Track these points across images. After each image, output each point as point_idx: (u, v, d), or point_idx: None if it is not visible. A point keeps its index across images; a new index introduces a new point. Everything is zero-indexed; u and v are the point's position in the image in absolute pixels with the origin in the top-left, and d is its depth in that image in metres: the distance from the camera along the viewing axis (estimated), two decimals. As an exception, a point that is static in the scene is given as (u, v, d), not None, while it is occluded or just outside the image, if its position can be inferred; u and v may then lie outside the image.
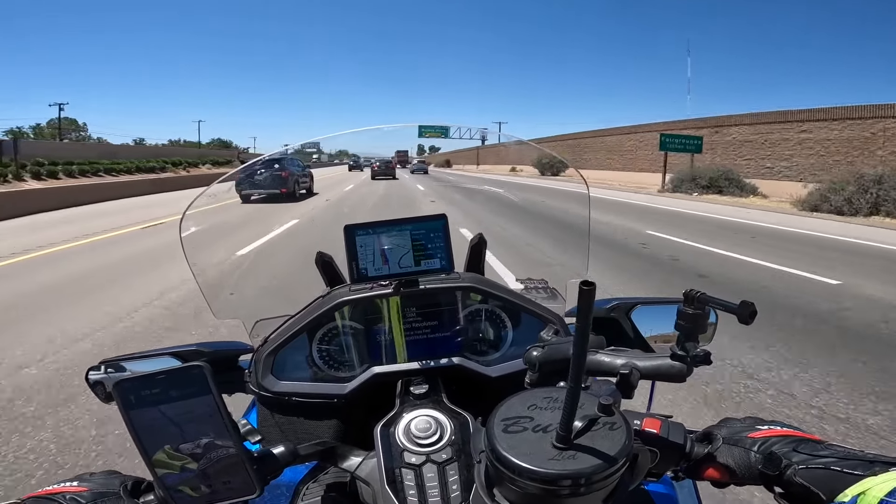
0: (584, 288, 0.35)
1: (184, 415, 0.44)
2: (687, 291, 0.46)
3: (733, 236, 8.75)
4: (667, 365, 0.49)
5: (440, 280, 0.77)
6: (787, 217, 12.46)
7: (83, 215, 12.00)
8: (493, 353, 0.77)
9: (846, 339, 3.66)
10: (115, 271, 5.94)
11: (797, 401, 2.72)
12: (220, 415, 0.44)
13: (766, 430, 0.48)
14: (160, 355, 0.79)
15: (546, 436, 0.40)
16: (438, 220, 0.74)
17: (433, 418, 0.57)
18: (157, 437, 0.44)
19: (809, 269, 5.88)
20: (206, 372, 0.44)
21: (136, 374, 0.44)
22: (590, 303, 0.35)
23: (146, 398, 0.43)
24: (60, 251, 7.27)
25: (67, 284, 5.30)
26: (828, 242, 8.44)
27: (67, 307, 4.45)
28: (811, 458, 0.41)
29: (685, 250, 7.33)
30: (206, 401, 0.44)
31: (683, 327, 0.47)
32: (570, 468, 0.37)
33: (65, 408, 2.64)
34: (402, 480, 0.51)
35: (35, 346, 3.47)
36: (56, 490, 0.47)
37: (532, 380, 0.56)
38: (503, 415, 0.43)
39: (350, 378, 0.73)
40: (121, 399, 0.43)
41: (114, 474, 0.51)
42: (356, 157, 12.02)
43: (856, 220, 12.19)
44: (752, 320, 0.43)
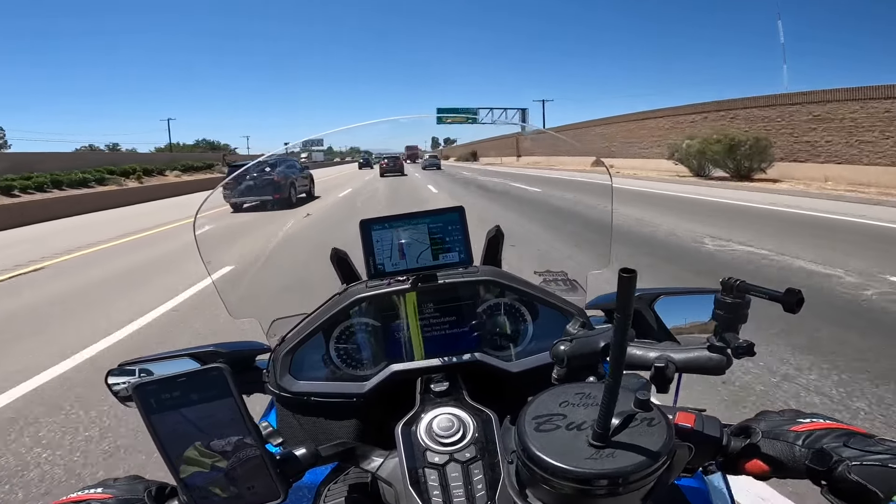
0: (623, 275, 0.33)
1: (205, 418, 0.43)
2: (725, 280, 0.45)
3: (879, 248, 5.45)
4: (705, 357, 0.47)
5: (458, 274, 0.76)
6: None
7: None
8: (513, 347, 0.76)
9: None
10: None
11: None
12: (242, 417, 0.44)
13: (808, 424, 0.45)
14: (178, 357, 0.79)
15: (581, 434, 0.39)
16: (455, 212, 0.73)
17: (455, 416, 0.56)
18: (180, 441, 0.43)
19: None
20: (225, 374, 0.43)
21: (156, 378, 0.43)
22: (630, 291, 0.34)
23: (166, 402, 0.43)
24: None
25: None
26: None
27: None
28: (864, 454, 0.39)
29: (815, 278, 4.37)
30: (227, 403, 0.43)
31: (722, 317, 0.45)
32: (610, 467, 0.36)
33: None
34: (426, 481, 0.50)
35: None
36: (81, 497, 0.47)
37: (560, 375, 0.54)
38: (534, 412, 0.42)
39: (369, 376, 0.72)
40: (141, 403, 0.42)
41: (138, 479, 0.51)
42: (366, 155, 11.58)
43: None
44: (799, 309, 0.41)
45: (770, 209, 9.01)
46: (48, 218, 14.27)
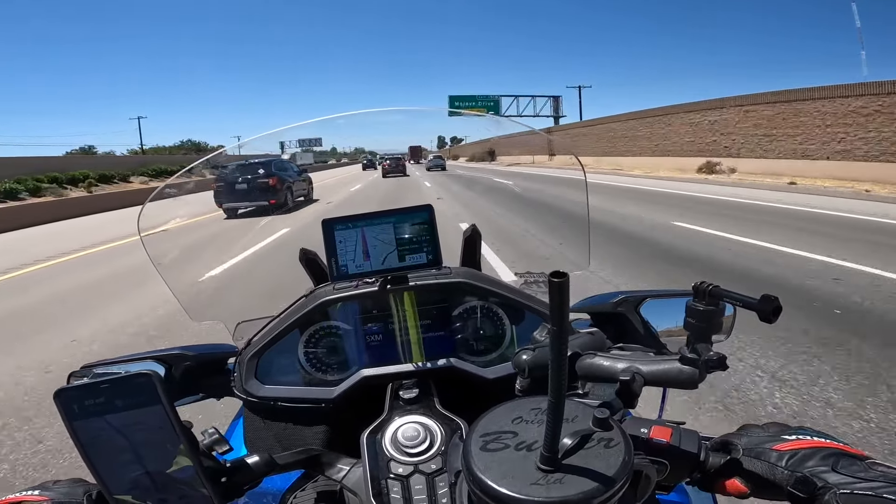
0: (554, 280, 0.30)
1: (132, 425, 0.41)
2: (697, 284, 0.42)
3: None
4: (675, 370, 0.44)
5: (431, 276, 0.74)
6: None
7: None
8: (491, 353, 0.73)
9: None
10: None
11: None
12: (172, 425, 0.42)
13: (793, 442, 0.42)
14: (142, 359, 0.76)
15: (531, 455, 0.36)
16: (423, 211, 0.70)
17: (422, 425, 0.54)
18: (105, 449, 0.41)
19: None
20: (154, 380, 0.41)
21: (78, 384, 0.42)
22: (563, 298, 0.30)
23: (90, 408, 0.41)
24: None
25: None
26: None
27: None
28: (855, 482, 0.36)
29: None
30: (155, 411, 0.41)
31: (694, 326, 0.42)
32: (556, 495, 0.33)
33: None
34: (389, 492, 0.49)
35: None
36: (16, 499, 0.46)
37: (523, 387, 0.52)
38: (483, 429, 0.39)
39: (338, 381, 0.70)
40: (63, 408, 0.41)
41: (79, 482, 0.50)
42: (370, 156, 11.24)
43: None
44: (776, 318, 0.39)
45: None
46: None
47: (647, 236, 6.63)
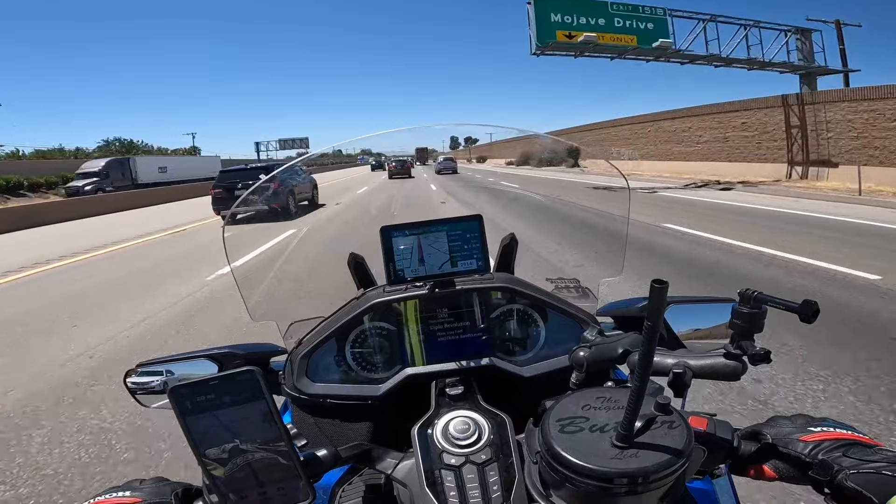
0: (655, 286, 0.35)
1: (237, 420, 0.44)
2: (742, 291, 0.46)
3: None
4: (721, 364, 0.48)
5: (474, 280, 0.78)
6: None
7: None
8: (525, 353, 0.78)
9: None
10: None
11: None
12: (273, 419, 0.45)
13: (818, 433, 0.48)
14: (196, 357, 0.81)
15: (604, 435, 0.41)
16: (474, 220, 0.75)
17: (471, 419, 0.57)
18: (212, 442, 0.44)
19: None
20: (258, 376, 0.44)
21: (191, 381, 0.44)
22: (661, 301, 0.35)
23: (201, 404, 0.43)
24: None
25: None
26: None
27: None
28: (862, 463, 0.42)
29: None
30: (259, 406, 0.44)
31: (739, 326, 0.47)
32: (634, 466, 0.38)
33: None
34: (443, 482, 0.51)
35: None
36: (109, 501, 0.48)
37: (578, 380, 0.58)
38: (557, 415, 0.44)
39: (384, 380, 0.74)
40: (177, 405, 0.43)
41: (163, 481, 0.53)
42: (379, 157, 11.46)
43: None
44: (815, 319, 0.43)
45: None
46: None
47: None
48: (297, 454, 0.46)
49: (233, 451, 0.45)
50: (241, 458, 0.45)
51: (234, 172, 12.37)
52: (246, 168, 12.85)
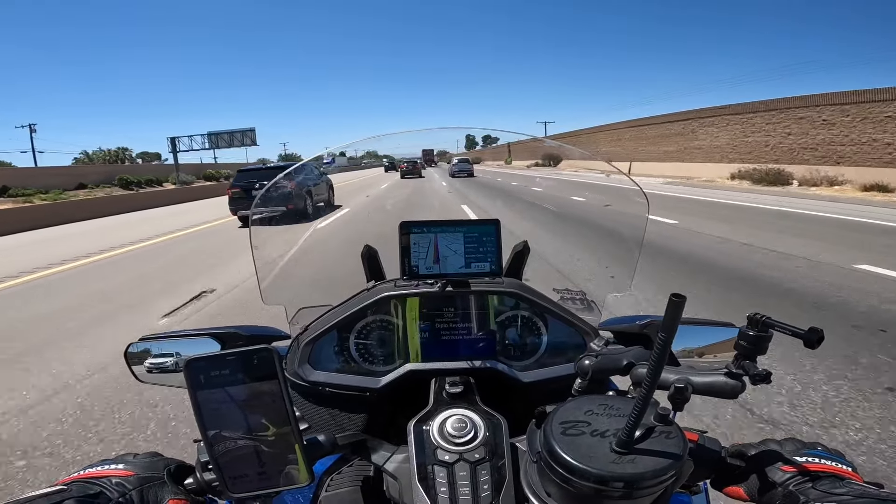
0: (673, 300, 0.36)
1: (248, 398, 0.44)
2: (751, 315, 0.47)
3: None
4: (721, 382, 0.49)
5: (484, 283, 0.79)
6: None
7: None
8: (526, 359, 0.79)
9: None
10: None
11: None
12: (284, 401, 0.45)
13: (801, 463, 0.49)
14: (199, 335, 0.81)
15: (604, 440, 0.42)
16: (491, 224, 0.77)
17: (468, 418, 0.57)
18: (220, 419, 0.44)
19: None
20: (274, 355, 0.44)
21: (207, 354, 0.44)
22: (678, 314, 0.37)
23: (215, 379, 0.44)
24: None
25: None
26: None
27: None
28: (827, 496, 0.43)
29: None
30: (271, 385, 0.44)
31: (744, 348, 0.47)
32: (630, 471, 0.39)
33: None
34: (434, 477, 0.52)
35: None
36: (101, 473, 0.48)
37: (581, 387, 0.59)
38: (561, 418, 0.45)
39: (384, 373, 0.75)
40: (190, 378, 0.43)
41: (157, 457, 0.52)
42: (391, 159, 12.05)
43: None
44: (819, 345, 0.44)
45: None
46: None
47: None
48: (301, 437, 0.46)
49: (238, 429, 0.45)
50: (245, 435, 0.45)
51: (252, 172, 12.29)
52: (264, 168, 12.80)
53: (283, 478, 0.46)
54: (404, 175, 14.12)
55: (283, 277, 1.01)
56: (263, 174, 11.75)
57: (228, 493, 0.46)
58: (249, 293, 4.86)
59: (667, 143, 24.88)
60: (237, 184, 11.79)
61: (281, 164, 13.05)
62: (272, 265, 1.00)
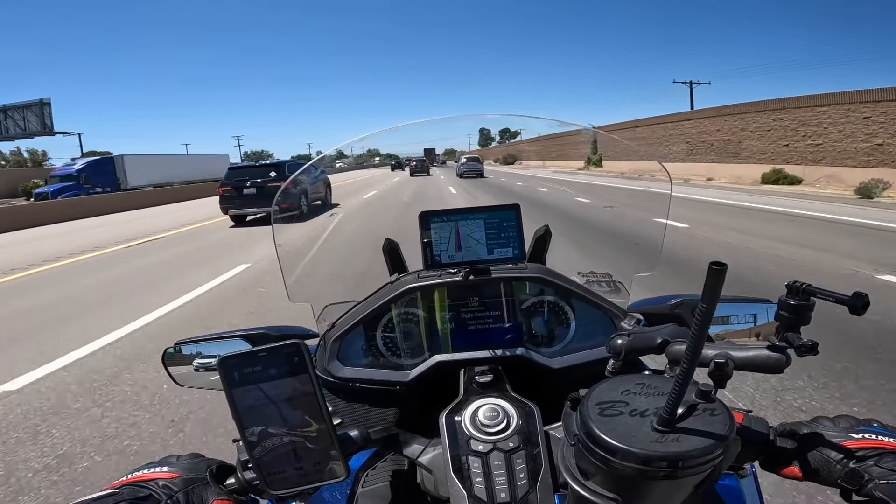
0: (714, 268, 0.36)
1: (281, 394, 0.45)
2: (791, 283, 0.46)
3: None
4: (764, 356, 0.47)
5: (508, 270, 0.79)
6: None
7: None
8: (554, 344, 0.79)
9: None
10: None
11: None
12: (316, 395, 0.46)
13: (858, 441, 0.47)
14: (231, 338, 0.82)
15: (644, 420, 0.41)
16: (512, 209, 0.77)
17: (500, 407, 0.57)
18: (256, 415, 0.45)
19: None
20: (303, 349, 0.45)
21: (239, 352, 0.45)
22: (719, 284, 0.36)
23: (248, 376, 0.44)
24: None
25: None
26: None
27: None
28: (891, 473, 0.42)
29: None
30: (303, 380, 0.45)
31: (785, 318, 0.46)
32: (674, 450, 0.38)
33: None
34: (469, 468, 0.52)
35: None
36: (148, 476, 0.49)
37: (615, 368, 0.57)
38: (597, 399, 0.44)
39: (413, 365, 0.75)
40: (225, 376, 0.44)
41: (198, 458, 0.53)
42: (398, 158, 11.79)
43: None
44: (865, 311, 0.42)
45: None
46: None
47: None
48: (335, 431, 0.47)
49: (274, 425, 0.45)
50: (282, 432, 0.45)
51: (243, 170, 11.94)
52: (255, 165, 12.40)
53: (321, 473, 0.47)
54: (413, 173, 14.08)
55: (307, 274, 1.01)
56: (255, 171, 11.38)
57: (269, 491, 0.47)
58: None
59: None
60: (228, 182, 11.43)
61: (273, 162, 12.57)
62: (296, 263, 1.00)
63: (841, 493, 0.45)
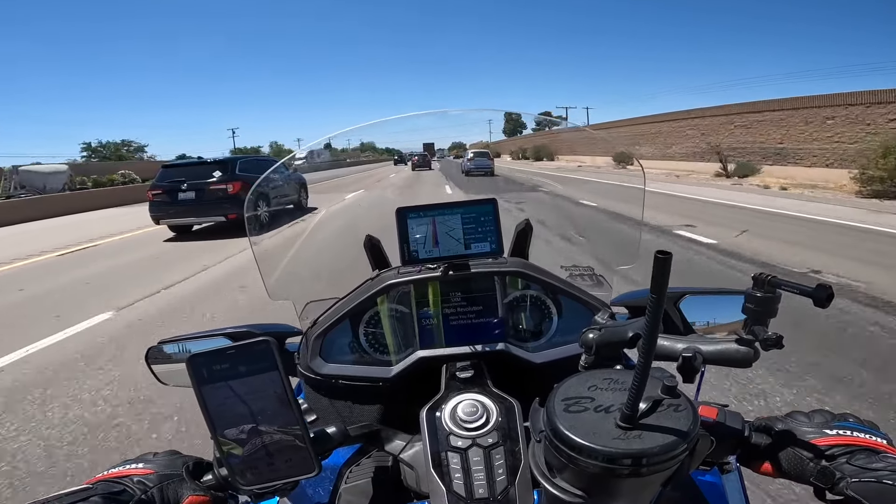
0: (659, 256, 0.35)
1: (251, 391, 0.46)
2: (757, 275, 0.45)
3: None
4: (733, 349, 0.47)
5: (488, 265, 0.79)
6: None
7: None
8: (537, 339, 0.79)
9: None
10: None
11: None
12: (286, 392, 0.47)
13: (832, 437, 0.47)
14: (214, 335, 0.83)
15: (608, 416, 0.41)
16: (489, 203, 0.77)
17: (479, 402, 0.58)
18: (226, 413, 0.46)
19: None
20: (272, 346, 0.46)
21: (207, 350, 0.45)
22: (665, 273, 0.35)
23: (217, 373, 0.45)
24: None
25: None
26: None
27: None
28: (863, 471, 0.42)
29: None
30: (272, 377, 0.46)
31: (752, 311, 0.45)
32: (636, 447, 0.38)
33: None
34: (448, 464, 0.53)
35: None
36: (124, 473, 0.50)
37: (587, 363, 0.57)
38: (563, 395, 0.44)
39: (395, 361, 0.76)
40: (194, 374, 0.45)
41: (175, 454, 0.54)
42: (400, 153, 11.83)
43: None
44: (829, 303, 0.42)
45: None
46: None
47: None
48: (306, 427, 0.48)
49: (244, 422, 0.46)
50: (253, 429, 0.46)
51: (178, 170, 9.42)
52: (196, 163, 9.74)
53: (292, 468, 0.47)
54: (415, 167, 13.25)
55: (287, 272, 1.00)
56: (193, 171, 8.94)
57: (240, 486, 0.48)
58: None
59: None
60: (160, 184, 8.99)
61: (219, 159, 9.94)
62: (274, 261, 0.99)
63: (814, 491, 0.46)
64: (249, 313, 4.05)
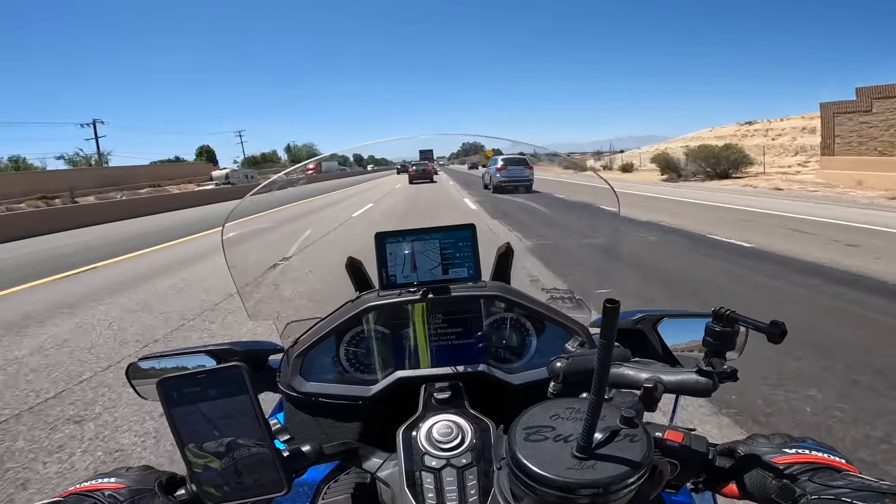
0: (608, 306, 0.37)
1: (221, 413, 0.47)
2: (716, 309, 0.48)
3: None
4: (692, 380, 0.50)
5: (467, 288, 0.81)
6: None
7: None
8: (517, 361, 0.82)
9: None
10: None
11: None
12: (255, 414, 0.48)
13: (791, 456, 0.49)
14: (196, 353, 0.86)
15: (567, 445, 0.42)
16: (467, 229, 0.79)
17: (455, 423, 0.60)
18: (195, 434, 0.48)
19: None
20: (243, 372, 0.47)
21: (179, 374, 0.47)
22: (614, 320, 0.38)
23: (187, 396, 0.47)
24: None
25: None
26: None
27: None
28: (824, 489, 0.44)
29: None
30: (242, 400, 0.47)
31: (711, 343, 0.48)
32: (589, 477, 0.39)
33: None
34: (422, 483, 0.54)
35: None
36: (95, 487, 0.50)
37: (556, 390, 0.58)
38: (525, 423, 0.46)
39: (375, 381, 0.78)
40: (164, 396, 0.47)
41: (149, 470, 0.55)
42: (403, 162, 12.66)
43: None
44: (782, 339, 0.45)
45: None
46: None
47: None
48: (273, 448, 0.49)
49: (214, 443, 0.47)
50: (222, 449, 0.48)
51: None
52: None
53: (262, 487, 0.49)
54: (413, 180, 12.97)
55: (267, 292, 1.04)
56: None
57: (209, 503, 0.49)
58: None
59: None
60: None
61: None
62: (254, 281, 1.03)
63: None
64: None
